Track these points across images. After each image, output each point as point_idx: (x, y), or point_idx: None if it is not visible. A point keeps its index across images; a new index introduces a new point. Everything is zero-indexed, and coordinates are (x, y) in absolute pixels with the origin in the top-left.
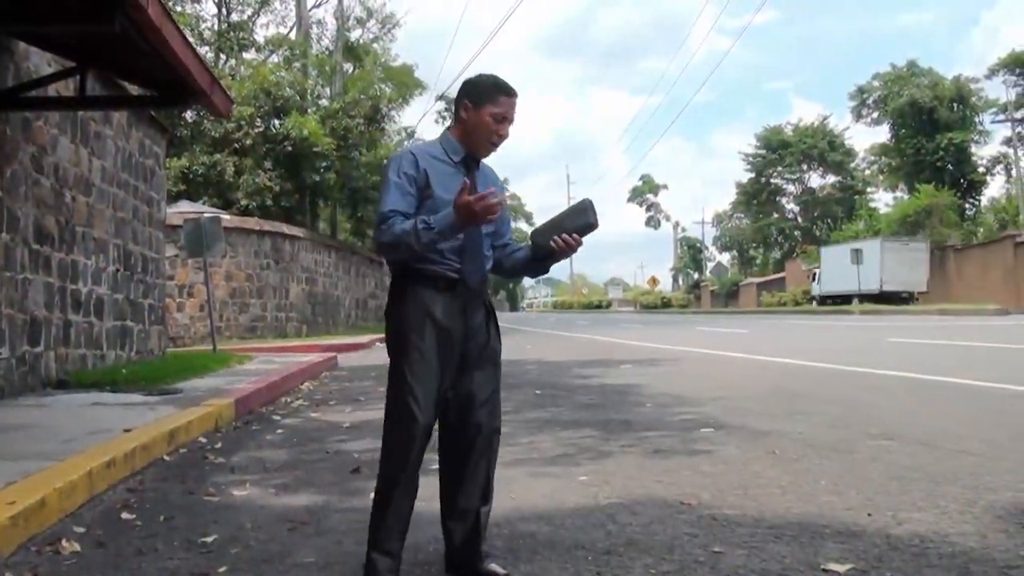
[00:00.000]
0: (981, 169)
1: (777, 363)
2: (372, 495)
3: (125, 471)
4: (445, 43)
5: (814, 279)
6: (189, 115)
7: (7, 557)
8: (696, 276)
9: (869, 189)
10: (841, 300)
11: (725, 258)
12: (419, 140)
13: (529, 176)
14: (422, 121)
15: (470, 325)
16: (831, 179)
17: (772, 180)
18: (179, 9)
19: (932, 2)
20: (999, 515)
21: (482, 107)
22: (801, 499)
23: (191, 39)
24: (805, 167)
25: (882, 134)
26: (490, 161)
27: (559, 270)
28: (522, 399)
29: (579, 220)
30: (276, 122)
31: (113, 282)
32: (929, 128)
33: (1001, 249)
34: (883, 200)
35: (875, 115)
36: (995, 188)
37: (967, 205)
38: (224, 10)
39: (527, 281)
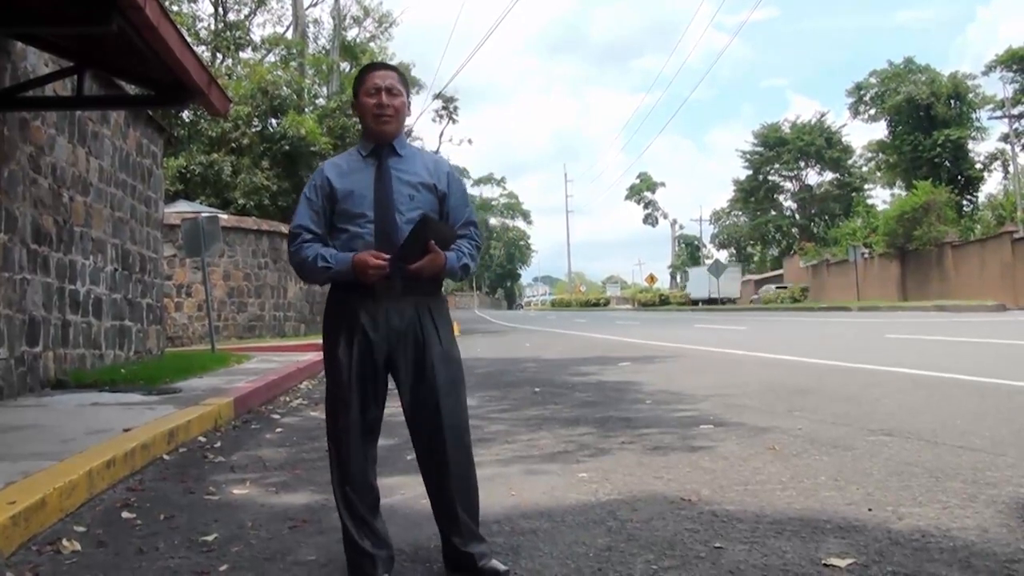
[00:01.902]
0: (978, 165)
1: (776, 359)
2: None
3: (125, 470)
4: (442, 42)
5: (685, 288)
6: (186, 115)
7: (8, 556)
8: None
9: (867, 186)
10: (695, 302)
11: (723, 255)
12: (417, 139)
13: (526, 175)
14: (419, 120)
15: (394, 326)
16: (829, 176)
17: (770, 177)
18: (176, 9)
19: None
20: (1000, 510)
21: (358, 95)
22: (801, 494)
23: (188, 39)
24: (803, 164)
25: (879, 131)
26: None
27: (557, 269)
28: (521, 397)
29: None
30: (273, 121)
31: (111, 282)
32: (926, 125)
33: (998, 245)
34: (880, 197)
35: (872, 112)
36: (992, 184)
37: (964, 201)
38: (221, 9)
39: (525, 279)
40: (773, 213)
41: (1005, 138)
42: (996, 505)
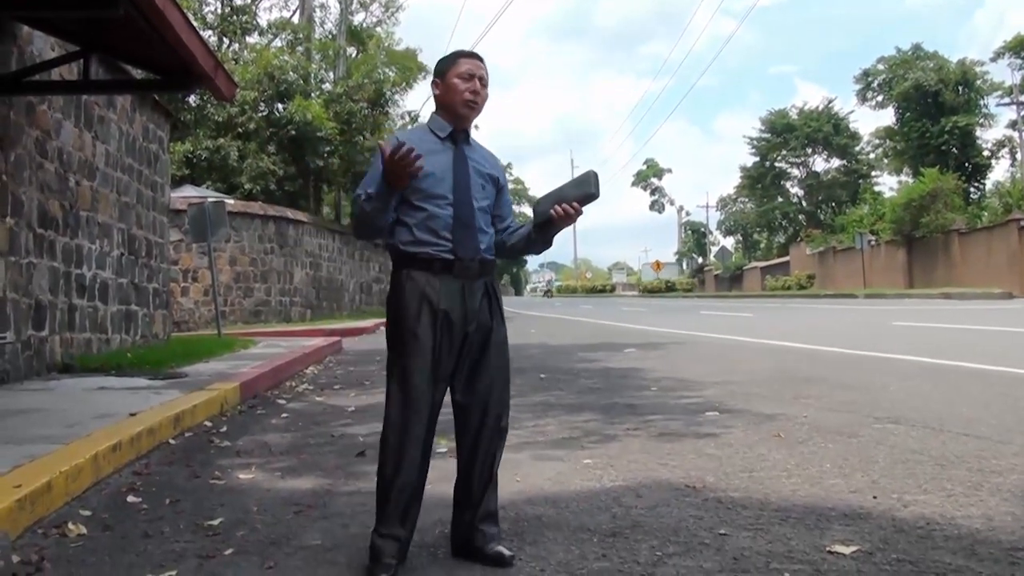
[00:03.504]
0: (986, 153)
1: (782, 347)
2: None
3: (131, 455)
4: (448, 27)
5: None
6: (193, 99)
7: (14, 540)
8: (700, 260)
9: (874, 173)
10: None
11: (729, 242)
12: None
13: (533, 161)
14: (426, 105)
15: (470, 306)
16: (836, 163)
17: (777, 164)
18: None
19: None
20: (1005, 498)
21: (447, 75)
22: (807, 482)
23: (194, 23)
24: (810, 151)
25: (887, 117)
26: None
27: (563, 255)
28: (526, 383)
29: (580, 190)
30: (279, 106)
31: (117, 266)
32: (934, 111)
33: (1006, 233)
34: (888, 184)
35: (880, 99)
36: (1000, 171)
37: (972, 189)
38: None
39: (531, 266)
40: (780, 200)
41: (1013, 125)
42: (1001, 493)
